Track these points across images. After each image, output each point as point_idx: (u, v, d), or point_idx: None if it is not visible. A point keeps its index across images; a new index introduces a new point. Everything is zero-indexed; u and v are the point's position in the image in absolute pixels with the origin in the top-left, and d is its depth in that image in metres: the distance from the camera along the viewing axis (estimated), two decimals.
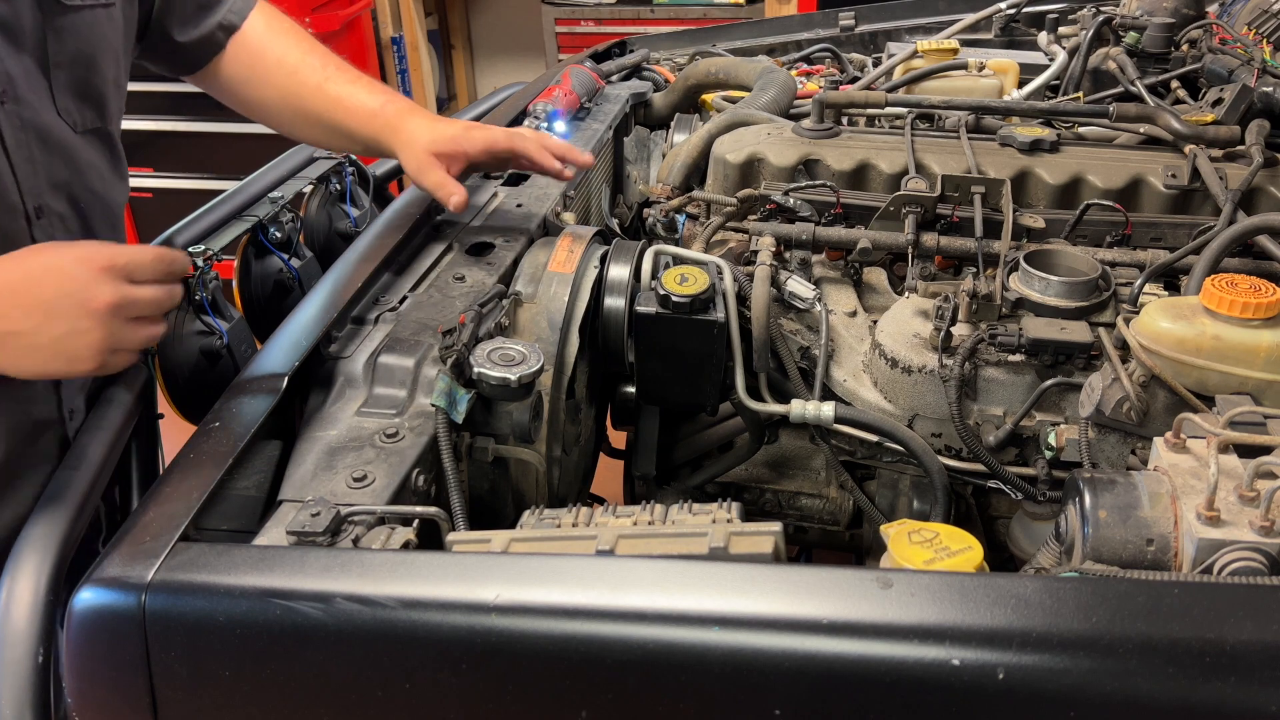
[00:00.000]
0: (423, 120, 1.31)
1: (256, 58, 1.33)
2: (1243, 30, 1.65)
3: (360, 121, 1.32)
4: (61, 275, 0.95)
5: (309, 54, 1.34)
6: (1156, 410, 1.05)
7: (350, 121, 1.32)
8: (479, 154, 1.31)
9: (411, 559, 0.81)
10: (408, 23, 4.43)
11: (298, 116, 1.35)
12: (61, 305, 0.94)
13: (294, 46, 1.34)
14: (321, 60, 1.34)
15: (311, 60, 1.34)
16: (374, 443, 1.00)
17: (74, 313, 0.94)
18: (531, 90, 1.83)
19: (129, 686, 0.79)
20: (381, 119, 1.31)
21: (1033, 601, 0.72)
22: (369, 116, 1.32)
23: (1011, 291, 1.19)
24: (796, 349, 1.30)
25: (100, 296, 0.95)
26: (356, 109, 1.32)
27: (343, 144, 1.38)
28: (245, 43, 1.33)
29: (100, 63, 1.14)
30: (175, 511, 0.86)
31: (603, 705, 0.76)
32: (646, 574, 0.79)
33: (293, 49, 1.34)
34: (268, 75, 1.33)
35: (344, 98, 1.32)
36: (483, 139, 1.31)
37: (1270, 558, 0.79)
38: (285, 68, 1.33)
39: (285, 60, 1.33)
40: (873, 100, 1.56)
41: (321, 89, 1.32)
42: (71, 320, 0.94)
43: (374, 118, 1.32)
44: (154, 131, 1.16)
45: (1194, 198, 1.38)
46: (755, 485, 1.46)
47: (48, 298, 0.94)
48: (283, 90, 1.33)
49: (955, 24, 2.20)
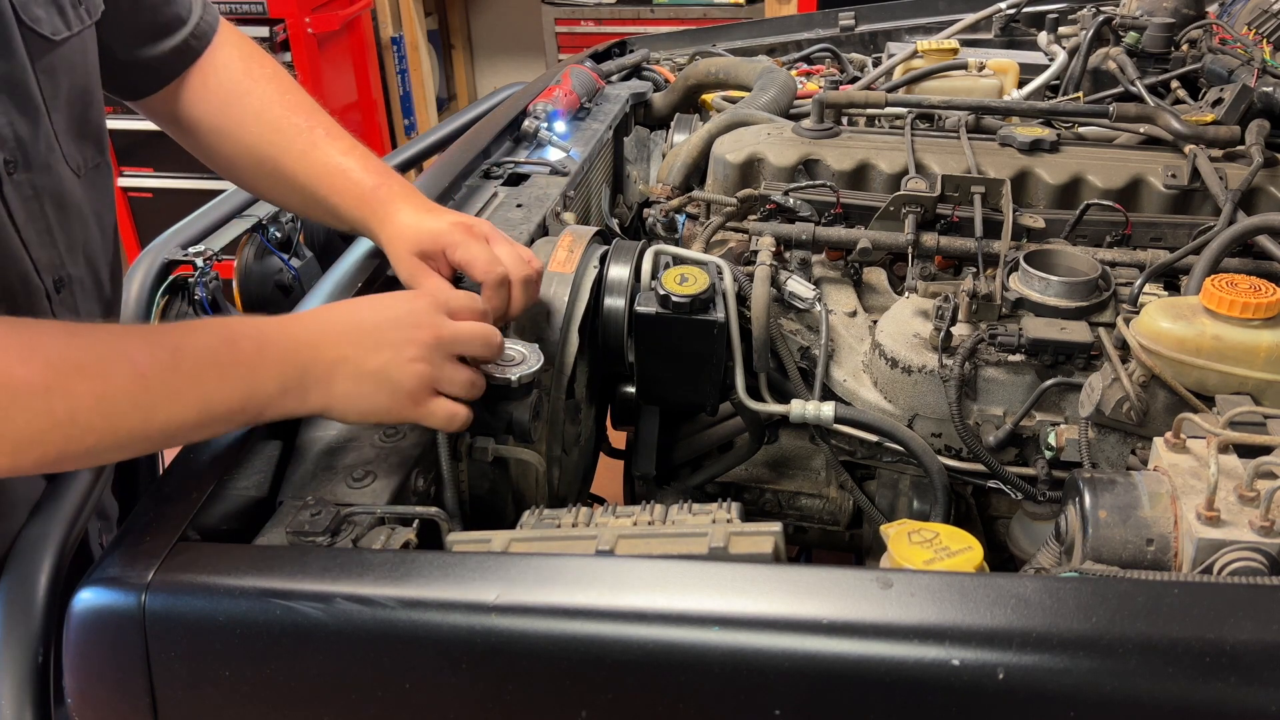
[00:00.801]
0: (412, 210, 1.14)
1: (230, 104, 1.18)
2: (1243, 30, 1.65)
3: (348, 201, 1.16)
4: (389, 306, 0.97)
5: (294, 111, 1.18)
6: (1156, 410, 1.05)
7: (336, 198, 1.16)
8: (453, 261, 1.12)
9: (411, 559, 0.81)
10: (408, 23, 4.43)
11: (273, 180, 1.19)
12: (388, 332, 0.94)
13: (277, 99, 1.18)
14: (308, 120, 1.18)
15: (297, 120, 1.17)
16: (374, 443, 1.00)
17: (399, 338, 0.93)
18: (531, 90, 1.83)
19: (129, 687, 0.79)
20: (372, 203, 1.15)
21: (1033, 601, 0.72)
22: (358, 198, 1.15)
23: (1011, 291, 1.19)
24: (796, 349, 1.30)
25: (428, 327, 0.95)
26: (345, 187, 1.16)
27: (321, 217, 1.22)
28: (217, 84, 1.18)
29: (94, 93, 1.07)
30: (175, 511, 0.86)
31: (602, 705, 0.76)
32: (646, 574, 0.79)
33: (275, 102, 1.18)
34: (243, 126, 1.17)
35: (332, 170, 1.16)
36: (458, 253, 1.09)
37: (1270, 558, 0.79)
38: (265, 122, 1.17)
39: (265, 114, 1.17)
40: (873, 100, 1.56)
41: (306, 155, 1.16)
42: (396, 346, 0.93)
43: (363, 201, 1.15)
44: (154, 131, 1.15)
45: (1194, 198, 1.38)
46: (755, 485, 1.46)
47: (378, 321, 0.94)
48: (258, 148, 1.17)
49: (955, 24, 2.20)
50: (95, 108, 1.08)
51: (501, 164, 1.56)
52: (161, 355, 0.83)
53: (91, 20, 1.05)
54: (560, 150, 1.61)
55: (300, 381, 0.90)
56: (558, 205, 1.46)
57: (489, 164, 1.57)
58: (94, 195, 1.10)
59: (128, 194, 3.89)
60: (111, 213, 1.17)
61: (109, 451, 0.82)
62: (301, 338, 0.92)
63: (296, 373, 0.90)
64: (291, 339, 0.92)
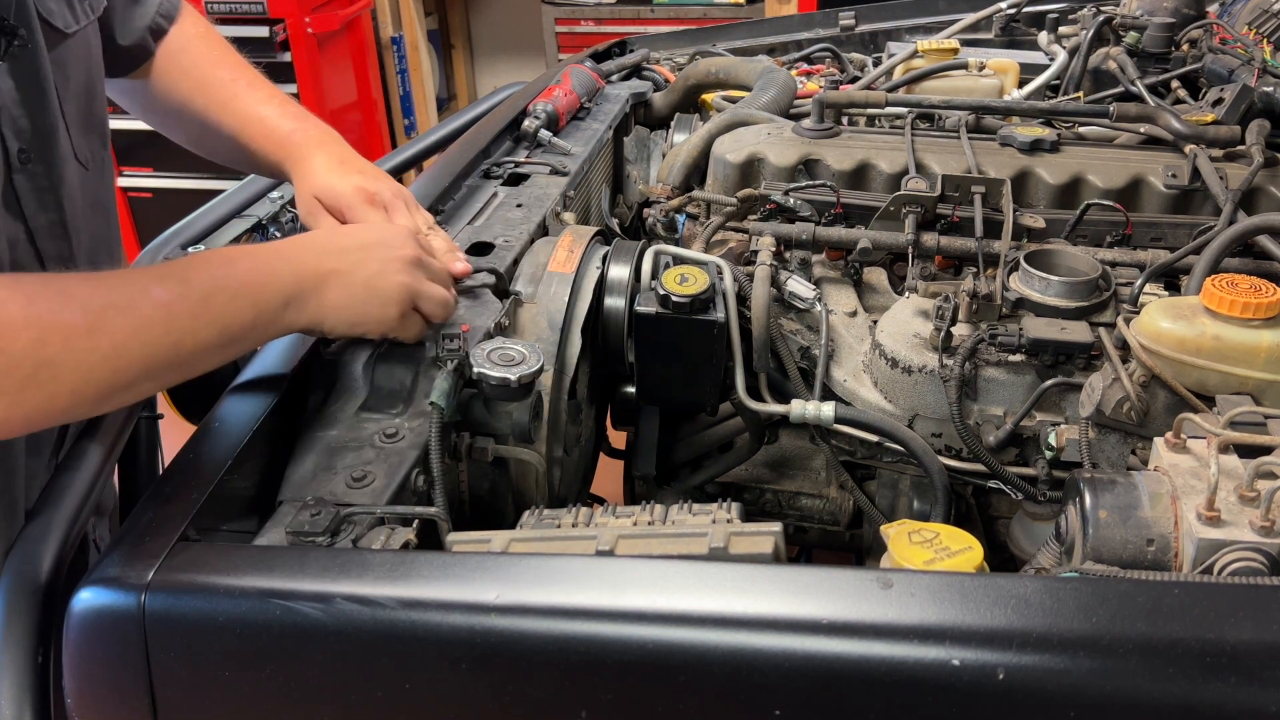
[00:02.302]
0: (325, 159, 1.19)
1: (167, 67, 1.23)
2: (1243, 30, 1.65)
3: (267, 146, 1.21)
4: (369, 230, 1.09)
5: (219, 65, 1.24)
6: (1157, 410, 1.05)
7: (255, 144, 1.22)
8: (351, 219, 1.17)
9: (411, 559, 0.81)
10: (408, 23, 4.43)
11: (204, 133, 1.25)
12: (374, 249, 1.03)
13: (204, 56, 1.24)
14: (232, 73, 1.24)
15: (221, 73, 1.23)
16: (374, 443, 1.00)
17: (384, 255, 1.03)
18: (531, 90, 1.83)
19: (129, 687, 0.79)
20: (288, 146, 1.21)
21: (1033, 602, 0.72)
22: (276, 144, 1.21)
23: (1012, 291, 1.19)
24: (796, 349, 1.30)
25: (407, 248, 1.05)
26: (263, 133, 1.21)
27: (248, 166, 1.27)
28: (162, 51, 1.23)
29: (98, 86, 1.11)
30: (175, 511, 0.86)
31: (602, 705, 0.76)
32: (646, 574, 0.79)
33: (203, 58, 1.24)
34: (175, 85, 1.23)
35: (251, 118, 1.21)
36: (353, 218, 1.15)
37: (1270, 558, 0.79)
38: (193, 78, 1.23)
39: (193, 71, 1.23)
40: (873, 100, 1.56)
41: (228, 106, 1.22)
42: (382, 261, 1.02)
43: (280, 146, 1.21)
44: (154, 131, 1.15)
45: (1194, 198, 1.38)
46: (755, 485, 1.46)
47: (362, 241, 1.05)
48: (189, 103, 1.23)
49: (955, 24, 2.20)
50: (99, 101, 1.12)
51: (501, 164, 1.56)
52: (176, 286, 0.90)
53: (95, 15, 1.09)
54: (560, 150, 1.61)
55: (299, 292, 0.98)
56: (558, 205, 1.46)
57: (489, 164, 1.57)
58: (100, 188, 1.14)
59: (127, 194, 3.89)
60: (114, 206, 1.20)
61: (148, 381, 0.89)
62: (290, 255, 1.01)
63: (293, 285, 0.98)
64: (281, 257, 1.00)
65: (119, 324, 0.85)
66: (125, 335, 0.85)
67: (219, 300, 0.92)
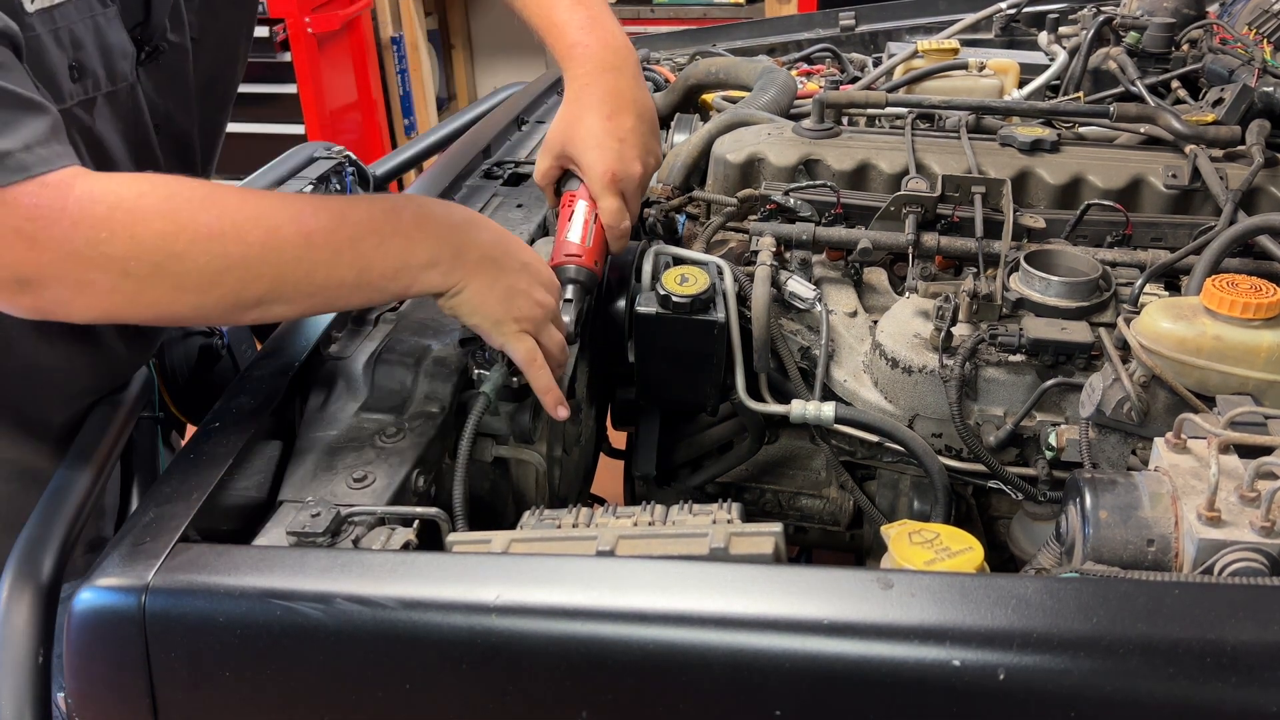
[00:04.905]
0: (596, 119, 1.17)
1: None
2: (1243, 30, 1.65)
3: (557, 48, 1.24)
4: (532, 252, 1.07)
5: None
6: (1157, 410, 1.05)
7: (549, 41, 1.26)
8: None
9: (411, 559, 0.81)
10: (408, 23, 4.43)
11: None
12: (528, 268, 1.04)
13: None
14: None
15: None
16: (374, 443, 1.00)
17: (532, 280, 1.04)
18: (532, 90, 1.83)
19: (129, 687, 0.79)
20: (568, 63, 1.22)
21: (1033, 602, 0.72)
22: (561, 53, 1.23)
23: (1012, 292, 1.19)
24: (796, 349, 1.30)
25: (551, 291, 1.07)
26: (555, 34, 1.24)
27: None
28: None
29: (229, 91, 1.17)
30: (175, 512, 0.86)
31: (603, 706, 0.76)
32: (647, 575, 0.79)
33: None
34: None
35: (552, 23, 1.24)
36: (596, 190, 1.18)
37: (1271, 558, 0.79)
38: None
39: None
40: (873, 100, 1.56)
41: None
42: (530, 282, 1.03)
43: (564, 58, 1.22)
44: None
45: (1194, 198, 1.38)
46: (755, 485, 1.45)
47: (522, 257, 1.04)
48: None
49: (955, 24, 2.20)
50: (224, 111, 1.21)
51: (502, 164, 1.56)
52: (325, 219, 0.92)
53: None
54: None
55: (451, 258, 0.98)
56: None
57: (489, 164, 1.57)
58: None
59: None
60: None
61: (277, 303, 0.91)
62: (460, 222, 1.02)
63: (450, 250, 0.98)
64: (450, 219, 1.01)
65: (254, 238, 0.87)
66: (257, 250, 0.87)
67: (367, 244, 0.93)
